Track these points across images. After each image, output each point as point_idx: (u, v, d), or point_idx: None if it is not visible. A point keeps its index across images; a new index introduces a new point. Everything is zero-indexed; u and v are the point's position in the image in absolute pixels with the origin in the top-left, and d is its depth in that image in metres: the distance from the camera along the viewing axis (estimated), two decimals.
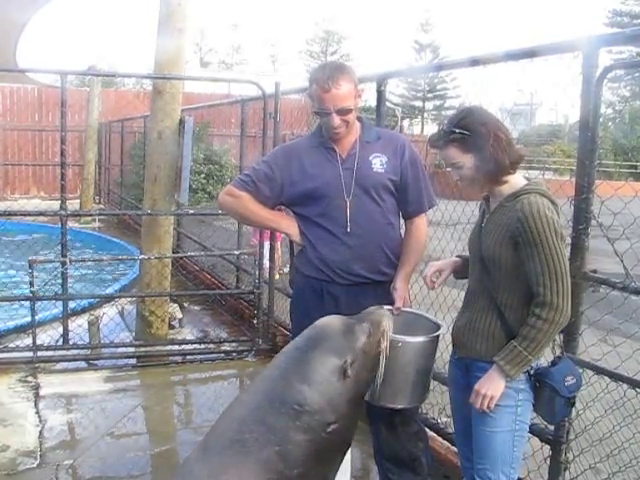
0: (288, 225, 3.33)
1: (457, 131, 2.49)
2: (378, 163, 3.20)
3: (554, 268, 2.39)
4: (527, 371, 2.53)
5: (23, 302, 6.26)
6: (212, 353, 6.14)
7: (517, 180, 2.57)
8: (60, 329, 5.88)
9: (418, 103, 52.15)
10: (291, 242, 3.43)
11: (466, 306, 2.74)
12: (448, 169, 2.63)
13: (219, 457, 2.33)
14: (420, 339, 2.85)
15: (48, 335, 5.99)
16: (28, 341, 5.79)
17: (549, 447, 3.23)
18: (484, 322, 2.60)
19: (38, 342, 5.65)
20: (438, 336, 2.91)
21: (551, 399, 2.51)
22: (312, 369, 2.45)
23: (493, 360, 2.49)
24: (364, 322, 2.64)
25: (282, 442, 2.33)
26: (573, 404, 2.58)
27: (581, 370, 2.85)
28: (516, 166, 2.52)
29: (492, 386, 2.48)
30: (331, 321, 2.66)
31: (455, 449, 3.62)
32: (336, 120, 3.08)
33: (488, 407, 2.50)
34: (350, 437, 2.63)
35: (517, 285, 2.52)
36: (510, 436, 2.56)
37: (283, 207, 3.43)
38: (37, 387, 5.22)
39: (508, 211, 2.50)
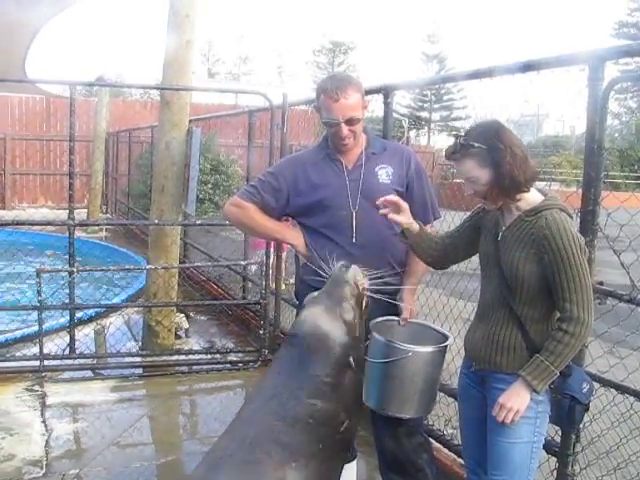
0: (293, 236, 3.34)
1: (475, 145, 2.46)
2: (384, 174, 3.21)
3: (580, 283, 2.41)
4: None
5: (30, 311, 6.28)
6: (218, 363, 6.14)
7: (533, 194, 2.55)
8: (67, 338, 5.89)
9: (425, 114, 52.23)
10: (297, 253, 3.44)
11: (481, 318, 2.72)
12: (460, 181, 2.62)
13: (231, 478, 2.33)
14: (430, 348, 2.85)
15: (55, 344, 6.00)
16: (35, 350, 5.80)
17: (556, 459, 3.22)
18: (504, 334, 2.59)
19: (45, 351, 5.67)
20: (447, 346, 2.92)
21: (572, 408, 2.52)
22: (320, 381, 2.46)
23: (519, 374, 2.48)
24: (343, 301, 2.64)
25: (298, 457, 2.35)
26: (588, 409, 2.59)
27: None
28: (531, 184, 2.51)
29: (519, 400, 2.48)
30: (316, 318, 2.63)
31: (461, 461, 3.61)
32: (345, 130, 3.09)
33: (512, 420, 2.50)
34: (356, 428, 2.71)
35: (539, 298, 2.52)
36: (528, 448, 2.56)
37: (290, 218, 3.44)
38: (43, 396, 5.23)
39: (529, 227, 2.49)
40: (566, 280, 2.41)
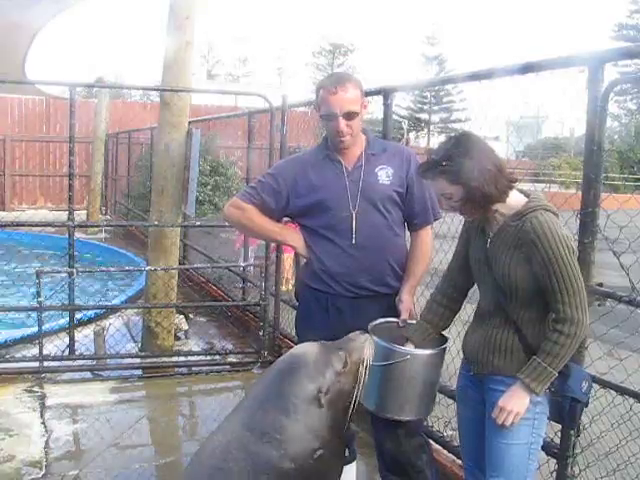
0: (293, 238, 3.33)
1: (443, 163, 2.47)
2: (384, 175, 3.20)
3: (571, 284, 2.41)
4: None
5: (30, 312, 6.27)
6: (218, 365, 6.14)
7: (515, 197, 2.55)
8: (66, 339, 5.88)
9: (424, 115, 52.27)
10: (296, 254, 3.44)
11: (479, 323, 2.74)
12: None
13: None
14: (428, 351, 2.85)
15: (54, 345, 6.00)
16: (34, 351, 5.80)
17: (555, 461, 3.22)
18: (500, 338, 2.60)
19: (44, 352, 5.67)
20: (445, 348, 2.92)
21: (573, 408, 2.54)
22: (287, 399, 2.48)
23: (517, 377, 2.49)
24: (341, 350, 2.65)
25: (270, 471, 2.37)
26: (587, 404, 2.61)
27: None
28: (506, 194, 2.50)
29: (518, 402, 2.48)
30: (307, 349, 2.66)
31: (460, 462, 3.61)
32: (342, 124, 3.07)
33: (511, 423, 2.50)
34: (339, 464, 2.67)
35: (533, 301, 2.53)
36: (526, 449, 2.57)
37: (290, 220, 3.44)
38: (43, 397, 5.23)
39: (516, 232, 2.49)
40: (557, 282, 2.41)
